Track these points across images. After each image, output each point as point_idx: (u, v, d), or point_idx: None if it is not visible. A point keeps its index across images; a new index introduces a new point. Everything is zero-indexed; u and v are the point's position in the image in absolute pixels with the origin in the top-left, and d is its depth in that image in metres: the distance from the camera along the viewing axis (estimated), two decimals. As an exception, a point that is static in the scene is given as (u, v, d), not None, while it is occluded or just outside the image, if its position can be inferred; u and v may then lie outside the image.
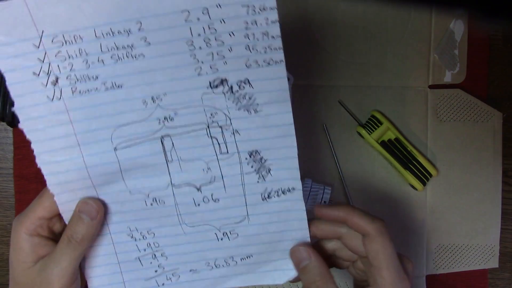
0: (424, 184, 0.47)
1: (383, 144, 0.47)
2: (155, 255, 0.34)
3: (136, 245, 0.34)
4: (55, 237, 0.33)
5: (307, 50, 0.47)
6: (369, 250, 0.31)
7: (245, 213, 0.34)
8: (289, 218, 0.34)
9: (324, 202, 0.44)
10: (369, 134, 0.46)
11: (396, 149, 0.47)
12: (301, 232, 0.34)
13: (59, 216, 0.33)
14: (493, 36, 0.50)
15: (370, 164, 0.48)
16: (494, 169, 0.49)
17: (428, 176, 0.47)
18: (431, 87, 0.48)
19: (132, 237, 0.34)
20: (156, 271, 0.35)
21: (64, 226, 0.33)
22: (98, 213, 0.32)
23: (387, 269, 0.30)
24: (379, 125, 0.46)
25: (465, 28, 0.48)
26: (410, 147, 0.47)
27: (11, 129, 0.45)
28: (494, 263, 0.50)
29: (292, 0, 0.46)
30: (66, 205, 0.32)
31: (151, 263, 0.35)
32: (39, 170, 0.31)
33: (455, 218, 0.49)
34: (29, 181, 0.45)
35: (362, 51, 0.47)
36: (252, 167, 0.32)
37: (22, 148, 0.45)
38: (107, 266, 0.34)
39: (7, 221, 0.46)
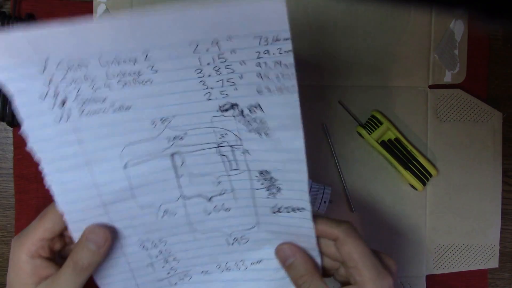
0: (424, 184, 0.47)
1: (383, 144, 0.47)
2: (167, 260, 0.35)
3: (148, 254, 0.34)
4: (55, 257, 0.33)
5: (307, 50, 0.47)
6: (342, 253, 0.31)
7: (255, 221, 0.34)
8: (298, 233, 0.33)
9: (324, 202, 0.44)
10: (369, 134, 0.46)
11: (396, 149, 0.47)
12: (309, 245, 0.34)
13: (60, 235, 0.32)
14: (493, 36, 0.50)
15: (370, 164, 0.48)
16: (494, 169, 0.49)
17: (428, 176, 0.47)
18: (431, 87, 0.48)
19: (144, 247, 0.34)
20: (168, 273, 0.35)
21: (65, 245, 0.33)
22: (106, 241, 0.31)
23: (364, 266, 0.31)
24: (379, 125, 0.46)
25: (465, 28, 0.48)
26: (410, 147, 0.47)
27: (11, 129, 0.45)
28: (494, 263, 0.50)
29: (292, 0, 0.46)
30: (76, 224, 0.32)
31: (163, 267, 0.35)
32: (39, 170, 0.30)
33: (455, 218, 0.49)
34: (29, 181, 0.45)
35: (362, 51, 0.47)
36: (262, 184, 0.32)
37: (22, 148, 0.45)
38: (119, 275, 0.34)
39: (7, 221, 0.46)
